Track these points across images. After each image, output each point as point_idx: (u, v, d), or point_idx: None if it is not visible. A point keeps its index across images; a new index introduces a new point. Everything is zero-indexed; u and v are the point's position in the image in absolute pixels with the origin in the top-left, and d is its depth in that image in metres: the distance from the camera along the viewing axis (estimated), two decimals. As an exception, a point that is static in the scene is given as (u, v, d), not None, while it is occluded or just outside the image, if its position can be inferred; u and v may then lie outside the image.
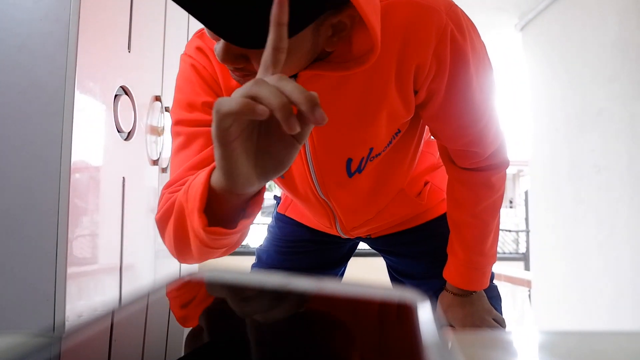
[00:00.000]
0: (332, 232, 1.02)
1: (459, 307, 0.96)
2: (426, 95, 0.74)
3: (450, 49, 0.68)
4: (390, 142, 0.82)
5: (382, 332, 0.26)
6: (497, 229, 0.96)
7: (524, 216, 7.27)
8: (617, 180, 2.43)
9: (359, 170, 0.82)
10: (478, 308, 0.97)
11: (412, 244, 1.08)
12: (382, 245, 1.13)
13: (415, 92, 0.73)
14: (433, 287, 1.02)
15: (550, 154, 3.03)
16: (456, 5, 0.69)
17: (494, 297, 1.02)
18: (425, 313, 0.25)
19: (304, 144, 0.78)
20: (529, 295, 3.74)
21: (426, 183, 1.04)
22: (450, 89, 0.73)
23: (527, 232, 6.54)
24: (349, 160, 0.81)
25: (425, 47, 0.66)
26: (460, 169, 0.91)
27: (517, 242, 9.61)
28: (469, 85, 0.74)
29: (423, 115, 0.81)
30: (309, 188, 0.87)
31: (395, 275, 1.14)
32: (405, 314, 0.25)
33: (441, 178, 1.04)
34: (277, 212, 1.16)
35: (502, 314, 1.02)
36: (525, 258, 6.70)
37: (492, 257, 0.96)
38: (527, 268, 6.28)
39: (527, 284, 3.73)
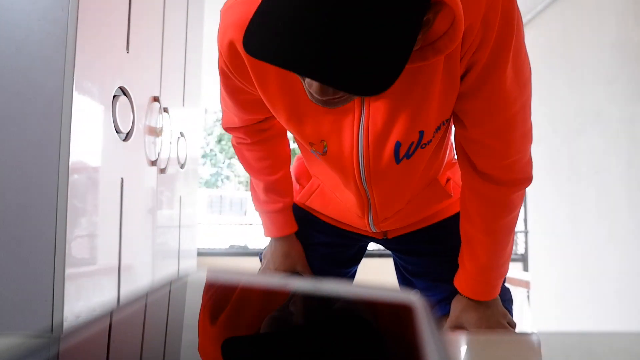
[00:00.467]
0: (360, 223, 1.01)
1: (474, 310, 0.94)
2: (466, 66, 0.72)
3: (500, 17, 0.66)
4: (438, 129, 0.80)
5: (382, 333, 0.26)
6: (511, 246, 0.94)
7: (523, 217, 7.27)
8: (616, 182, 2.43)
9: (407, 155, 0.80)
10: (494, 311, 0.95)
11: (427, 242, 1.07)
12: (395, 244, 1.11)
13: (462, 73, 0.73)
14: (444, 292, 1.01)
15: (549, 155, 3.04)
16: None
17: (507, 300, 1.01)
18: (425, 314, 0.25)
19: (359, 128, 0.77)
20: (528, 296, 3.74)
21: (448, 179, 1.03)
22: (489, 63, 0.71)
23: (526, 233, 6.54)
24: (398, 145, 0.78)
25: (475, 12, 0.65)
26: (480, 179, 0.87)
27: (515, 243, 9.60)
28: (506, 65, 0.72)
29: (458, 104, 0.79)
30: (351, 176, 0.86)
31: (406, 275, 1.13)
32: (405, 315, 0.25)
33: (460, 175, 1.03)
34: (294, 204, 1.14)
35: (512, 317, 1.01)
36: (523, 259, 6.70)
37: (504, 271, 0.94)
38: (525, 269, 6.28)
39: (526, 284, 3.73)
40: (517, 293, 3.99)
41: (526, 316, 3.84)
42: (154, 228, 1.63)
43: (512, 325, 0.97)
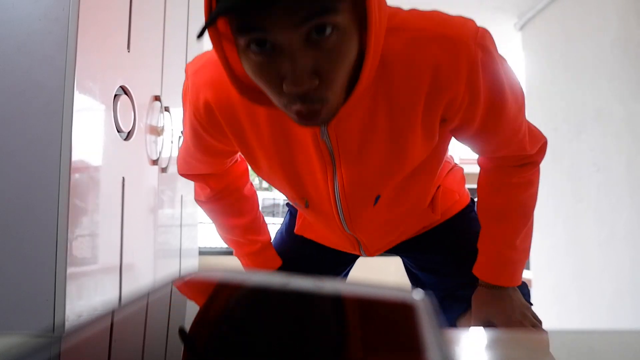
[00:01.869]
0: (351, 249, 1.02)
1: (496, 302, 0.94)
2: (461, 122, 0.74)
3: (483, 76, 0.68)
4: (413, 171, 0.82)
5: (383, 331, 0.26)
6: (531, 224, 0.96)
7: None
8: (617, 179, 2.43)
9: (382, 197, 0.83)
10: (517, 303, 0.95)
11: (430, 244, 1.07)
12: (398, 251, 1.11)
13: (444, 120, 0.74)
14: (449, 286, 1.02)
15: (549, 153, 3.03)
16: (481, 29, 0.68)
17: (525, 294, 1.01)
18: (426, 312, 0.25)
19: (333, 185, 0.79)
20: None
21: (438, 187, 1.02)
22: (488, 112, 0.73)
23: (527, 231, 6.54)
24: (378, 197, 0.82)
25: (457, 82, 0.66)
26: (498, 164, 0.91)
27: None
28: (506, 104, 0.74)
29: (460, 137, 0.82)
30: (335, 225, 0.88)
31: (414, 270, 1.14)
32: (406, 313, 0.25)
33: (452, 180, 1.05)
34: (293, 233, 1.14)
35: None
36: (525, 257, 6.70)
37: (524, 252, 0.95)
38: (527, 267, 6.27)
39: (528, 282, 3.73)
40: (518, 291, 3.99)
41: (527, 314, 3.83)
42: (155, 227, 1.63)
43: (538, 320, 0.96)
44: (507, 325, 0.92)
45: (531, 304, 1.00)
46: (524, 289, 1.02)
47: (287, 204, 1.19)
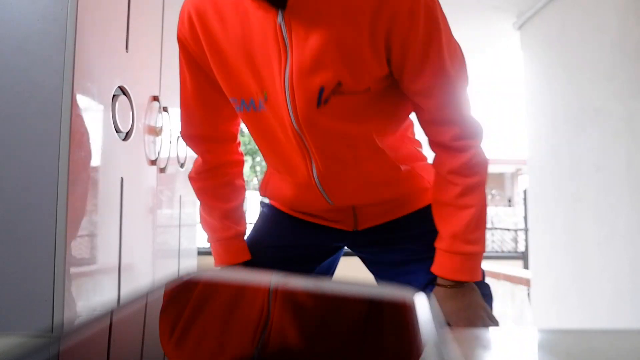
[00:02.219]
0: (316, 201, 1.03)
1: (451, 299, 0.94)
2: (401, 56, 0.83)
3: (424, 12, 0.79)
4: (360, 91, 0.87)
5: (381, 329, 0.26)
6: (482, 216, 0.95)
7: (523, 215, 7.28)
8: (616, 179, 2.43)
9: (325, 101, 0.86)
10: (472, 302, 0.94)
11: (402, 229, 1.08)
12: (365, 238, 1.11)
13: (389, 49, 0.83)
14: (420, 280, 1.01)
15: (549, 152, 3.04)
16: None
17: (487, 295, 1.00)
18: (423, 311, 0.25)
19: (284, 71, 0.85)
20: (528, 294, 3.74)
21: (406, 167, 1.03)
22: (425, 51, 0.82)
23: (526, 230, 6.55)
24: (322, 90, 0.85)
25: (399, 3, 0.77)
26: (442, 151, 0.95)
27: (516, 240, 9.62)
28: (442, 51, 0.83)
29: (403, 86, 0.89)
30: (288, 123, 0.90)
31: (378, 268, 1.14)
32: (403, 312, 0.25)
33: (423, 168, 1.07)
34: (260, 202, 1.20)
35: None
36: (524, 257, 6.71)
37: (479, 249, 0.94)
38: (526, 267, 6.29)
39: (526, 282, 3.73)
40: (517, 291, 3.99)
41: (526, 314, 3.84)
42: (154, 227, 1.63)
43: (494, 321, 0.96)
44: (458, 325, 0.92)
45: (490, 307, 0.99)
46: (485, 290, 1.01)
47: (260, 203, 1.22)
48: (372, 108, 0.91)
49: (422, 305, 0.26)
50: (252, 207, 10.87)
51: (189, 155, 2.08)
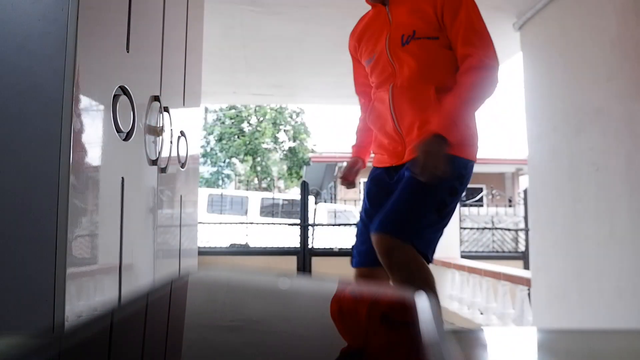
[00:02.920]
0: (395, 139, 1.69)
1: (424, 145, 1.45)
2: (443, 14, 1.60)
3: (458, 1, 1.61)
4: (425, 37, 1.62)
5: (383, 330, 0.26)
6: (473, 103, 1.58)
7: (523, 215, 7.27)
8: (616, 179, 2.43)
9: (407, 42, 1.62)
10: (436, 152, 1.43)
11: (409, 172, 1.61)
12: (400, 175, 1.68)
13: (441, 12, 1.60)
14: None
15: (549, 152, 3.04)
16: None
17: (456, 167, 1.56)
18: (425, 310, 0.25)
19: (386, 34, 1.69)
20: (529, 294, 3.74)
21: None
22: (455, 15, 1.59)
23: (526, 230, 6.55)
24: (402, 36, 1.64)
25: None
26: (465, 62, 1.60)
27: (516, 240, 9.61)
28: (464, 16, 1.58)
29: (447, 32, 1.62)
30: (385, 55, 1.69)
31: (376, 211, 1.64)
32: (406, 313, 0.26)
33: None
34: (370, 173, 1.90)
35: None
36: (524, 257, 6.71)
37: (462, 112, 1.57)
38: (526, 267, 6.28)
39: (527, 282, 3.73)
40: (517, 291, 3.99)
41: (527, 314, 3.84)
42: (154, 227, 1.63)
43: (442, 171, 1.44)
44: (419, 162, 1.43)
45: (455, 181, 1.58)
46: (457, 166, 1.56)
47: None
48: (433, 55, 1.62)
49: (422, 305, 0.26)
50: (255, 205, 10.86)
51: (190, 155, 2.08)
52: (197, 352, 0.25)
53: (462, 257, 5.97)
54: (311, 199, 6.62)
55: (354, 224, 6.24)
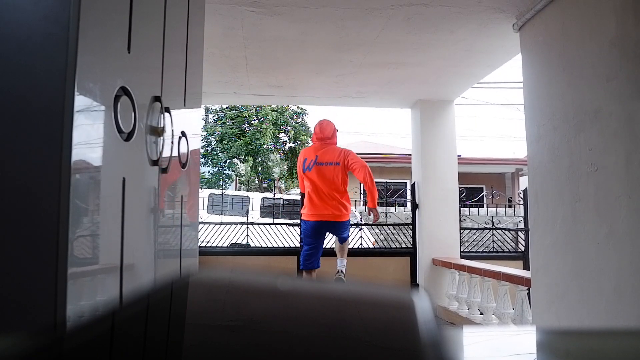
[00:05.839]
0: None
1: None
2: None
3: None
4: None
5: (383, 331, 0.26)
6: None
7: (523, 215, 7.27)
8: (616, 179, 2.43)
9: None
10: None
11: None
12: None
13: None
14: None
15: (548, 152, 3.04)
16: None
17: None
18: (425, 312, 0.26)
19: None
20: (528, 294, 3.74)
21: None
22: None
23: (526, 231, 6.54)
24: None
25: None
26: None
27: (516, 241, 9.60)
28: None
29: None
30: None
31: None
32: (405, 313, 0.26)
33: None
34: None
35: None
36: (524, 257, 6.70)
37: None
38: (526, 267, 6.28)
39: (526, 282, 3.73)
40: (517, 291, 3.99)
41: (526, 314, 3.84)
42: (155, 227, 1.63)
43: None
44: None
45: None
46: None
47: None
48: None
49: (422, 305, 0.27)
50: (256, 206, 10.92)
51: (191, 155, 2.08)
52: (198, 352, 0.25)
53: (462, 257, 5.98)
54: (311, 199, 6.68)
55: (354, 224, 6.27)
